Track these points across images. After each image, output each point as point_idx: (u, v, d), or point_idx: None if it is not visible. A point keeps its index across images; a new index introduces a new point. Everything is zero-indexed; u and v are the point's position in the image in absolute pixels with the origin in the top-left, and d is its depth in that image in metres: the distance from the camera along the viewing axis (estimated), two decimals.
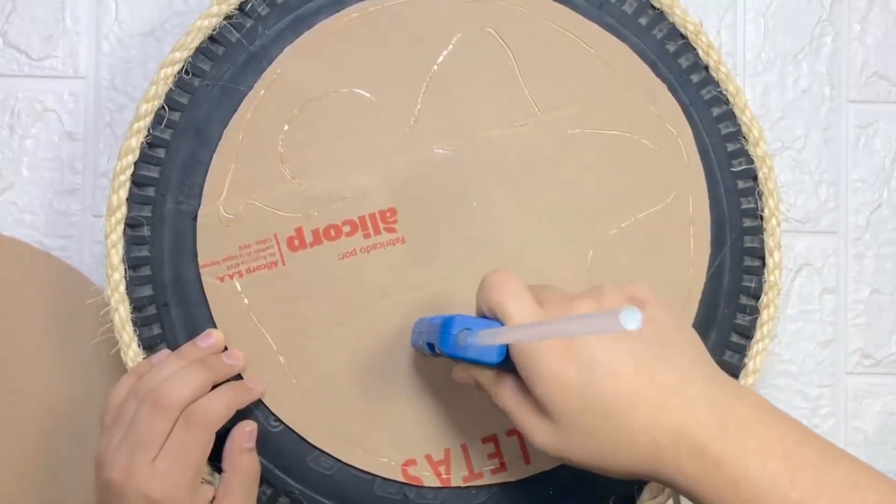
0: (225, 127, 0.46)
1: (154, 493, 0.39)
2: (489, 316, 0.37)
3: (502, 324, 0.36)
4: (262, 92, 0.46)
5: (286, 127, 0.46)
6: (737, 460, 0.33)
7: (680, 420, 0.33)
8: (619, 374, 0.34)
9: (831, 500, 0.32)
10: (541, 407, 0.35)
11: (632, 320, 0.27)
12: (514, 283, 0.36)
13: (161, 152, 0.45)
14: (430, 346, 0.38)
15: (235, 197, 0.45)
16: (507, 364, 0.36)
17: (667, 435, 0.33)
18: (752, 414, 0.34)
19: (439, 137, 0.46)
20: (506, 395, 0.37)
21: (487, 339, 0.35)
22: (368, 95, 0.46)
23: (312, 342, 0.45)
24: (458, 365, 0.40)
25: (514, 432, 0.46)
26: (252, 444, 0.44)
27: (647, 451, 0.34)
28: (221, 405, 0.42)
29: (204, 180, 0.45)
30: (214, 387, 0.43)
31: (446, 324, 0.36)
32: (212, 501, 0.42)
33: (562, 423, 0.35)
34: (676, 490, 0.34)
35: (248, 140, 0.46)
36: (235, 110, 0.46)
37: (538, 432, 0.36)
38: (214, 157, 0.46)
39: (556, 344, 0.34)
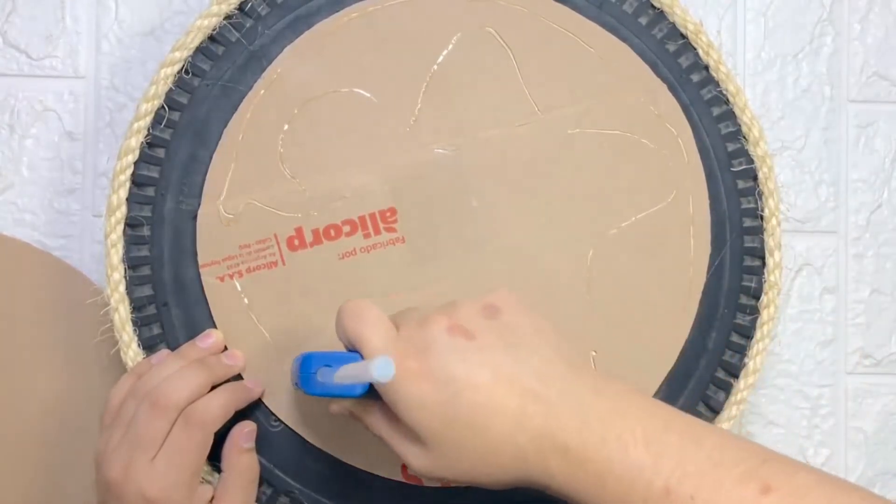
0: (225, 126, 0.46)
1: (151, 493, 0.39)
2: (348, 347, 0.37)
3: (360, 355, 0.36)
4: (262, 92, 0.46)
5: (286, 127, 0.46)
6: (599, 455, 0.33)
7: (541, 423, 0.34)
8: (475, 385, 0.34)
9: (695, 482, 0.32)
10: (410, 431, 0.35)
11: (384, 371, 0.29)
12: (369, 311, 0.37)
13: (161, 152, 0.45)
14: (299, 386, 0.39)
15: (235, 197, 0.45)
16: (373, 394, 0.36)
17: (530, 439, 0.34)
18: (612, 407, 0.34)
19: (439, 137, 0.46)
20: (377, 423, 0.37)
21: (334, 378, 0.36)
22: (368, 95, 0.46)
23: (312, 342, 0.45)
24: (332, 401, 0.40)
25: None
26: (251, 444, 0.44)
27: (513, 458, 0.34)
28: (220, 406, 0.42)
29: (204, 180, 0.45)
30: (214, 387, 0.43)
31: (305, 363, 0.37)
32: (211, 501, 0.42)
33: (430, 443, 0.35)
34: (551, 493, 0.34)
35: (248, 140, 0.46)
36: (235, 110, 0.46)
37: (412, 457, 0.36)
38: (214, 156, 0.46)
39: (412, 366, 0.34)
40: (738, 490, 0.31)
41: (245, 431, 0.44)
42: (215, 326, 0.45)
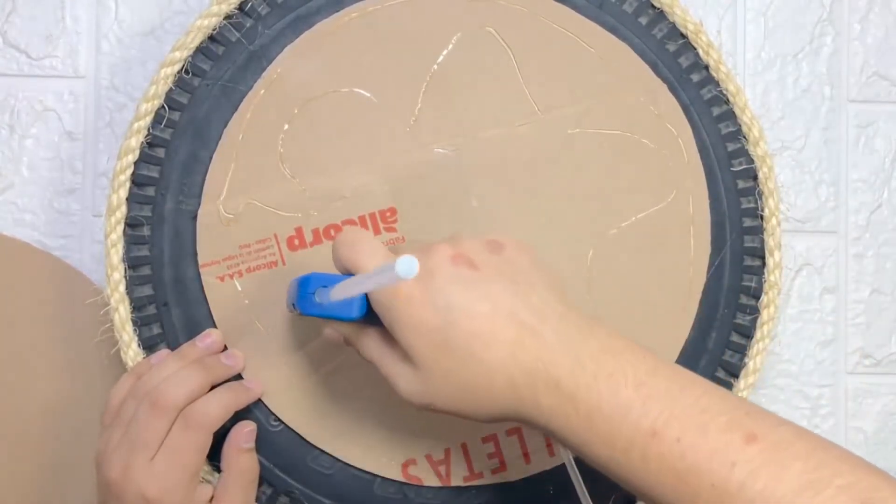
0: (225, 126, 0.46)
1: (150, 493, 0.39)
2: (344, 274, 0.37)
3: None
4: (262, 91, 0.46)
5: (286, 126, 0.46)
6: (590, 392, 0.33)
7: (535, 357, 0.34)
8: (474, 314, 0.34)
9: (681, 425, 0.32)
10: (404, 355, 0.36)
11: (409, 269, 0.29)
12: (365, 238, 0.37)
13: (161, 152, 0.45)
14: (296, 307, 0.39)
15: (235, 196, 0.45)
16: (370, 317, 0.36)
17: (523, 372, 0.34)
18: (604, 347, 0.34)
19: (439, 137, 0.46)
20: (371, 346, 0.38)
21: (331, 296, 0.35)
22: (368, 95, 0.46)
23: (312, 342, 0.45)
24: (326, 323, 0.40)
25: (515, 431, 0.46)
26: (251, 444, 0.44)
27: (505, 389, 0.34)
28: (219, 407, 0.42)
29: (204, 180, 0.45)
30: (214, 387, 0.43)
31: (303, 283, 0.37)
32: (210, 501, 0.42)
33: (424, 367, 0.35)
34: (537, 429, 0.35)
35: (248, 139, 0.46)
36: (235, 110, 0.46)
37: (402, 380, 0.36)
38: (214, 156, 0.46)
39: (414, 291, 0.35)
40: (723, 436, 0.31)
41: (245, 431, 0.44)
42: (215, 326, 0.45)
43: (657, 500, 0.33)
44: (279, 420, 0.45)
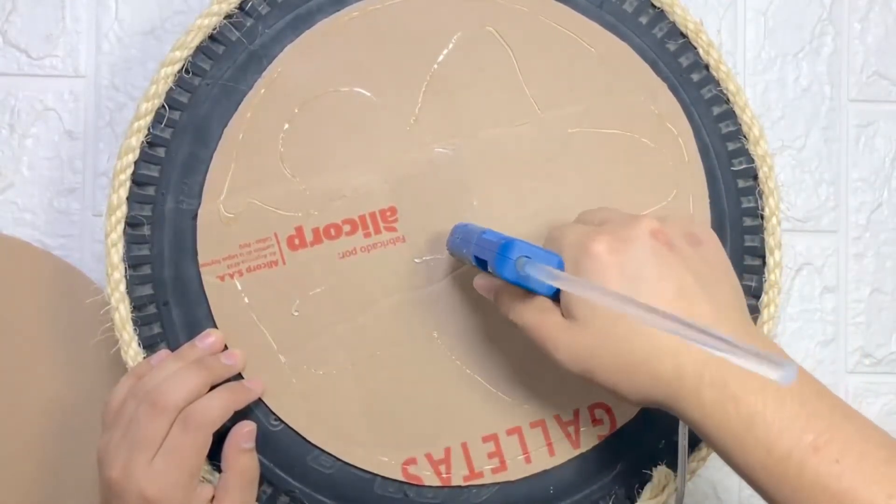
0: (225, 126, 0.46)
1: (150, 492, 0.39)
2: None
3: (559, 258, 0.36)
4: (263, 91, 0.46)
5: (286, 126, 0.46)
6: (756, 398, 0.33)
7: (708, 353, 0.34)
8: (659, 293, 0.35)
9: (842, 448, 0.32)
10: (567, 322, 0.36)
11: (787, 375, 0.27)
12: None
13: (161, 151, 0.45)
14: (479, 260, 0.38)
15: (236, 196, 0.45)
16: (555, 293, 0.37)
17: (692, 362, 0.35)
18: None
19: (439, 136, 0.46)
20: (530, 310, 0.38)
21: (556, 281, 0.35)
22: (369, 94, 0.46)
23: (312, 341, 0.45)
24: (482, 274, 0.40)
25: (515, 431, 0.46)
26: (251, 444, 0.44)
27: (670, 372, 0.35)
28: (218, 407, 0.42)
29: (204, 179, 0.45)
30: (214, 387, 0.43)
31: (505, 247, 0.36)
32: (211, 501, 0.42)
33: (592, 331, 0.36)
34: (686, 421, 0.36)
35: (249, 139, 0.46)
36: (236, 109, 0.46)
37: (564, 344, 0.37)
38: (215, 156, 0.46)
39: (605, 253, 0.36)
40: (881, 467, 0.32)
41: (244, 431, 0.44)
42: (215, 326, 0.45)
43: None
44: (279, 419, 0.45)
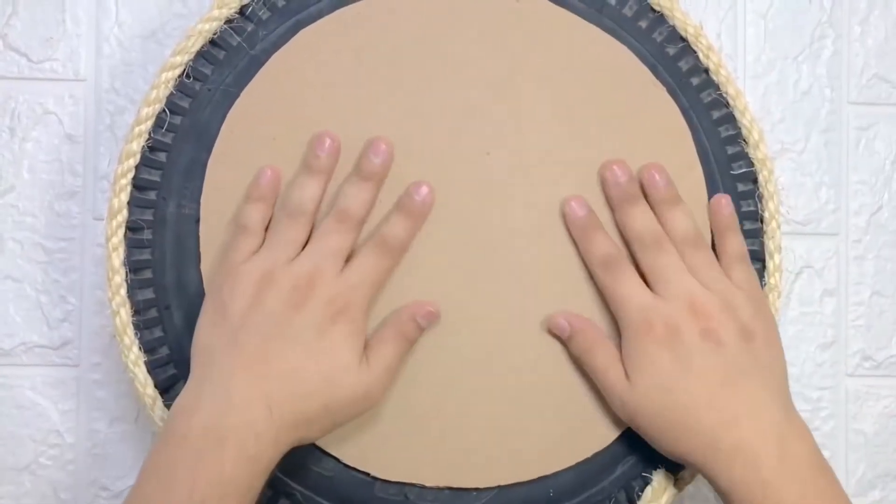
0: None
1: (339, 303, 0.41)
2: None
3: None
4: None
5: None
6: (782, 489, 0.38)
7: (747, 437, 0.39)
8: (706, 378, 0.40)
9: None
10: (626, 375, 0.42)
11: None
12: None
13: (162, 156, 0.45)
14: None
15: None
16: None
17: (730, 443, 0.39)
18: (807, 456, 0.40)
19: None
20: (605, 357, 0.43)
21: None
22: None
23: None
24: (561, 313, 0.45)
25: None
26: (425, 324, 0.44)
27: (707, 445, 0.40)
28: (405, 231, 0.44)
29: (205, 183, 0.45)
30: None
31: None
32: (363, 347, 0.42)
33: (639, 394, 0.41)
34: (712, 484, 0.40)
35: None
36: None
37: (617, 394, 0.42)
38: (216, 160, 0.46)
39: (661, 330, 0.41)
40: None
41: (427, 309, 0.43)
42: None
43: None
44: None
